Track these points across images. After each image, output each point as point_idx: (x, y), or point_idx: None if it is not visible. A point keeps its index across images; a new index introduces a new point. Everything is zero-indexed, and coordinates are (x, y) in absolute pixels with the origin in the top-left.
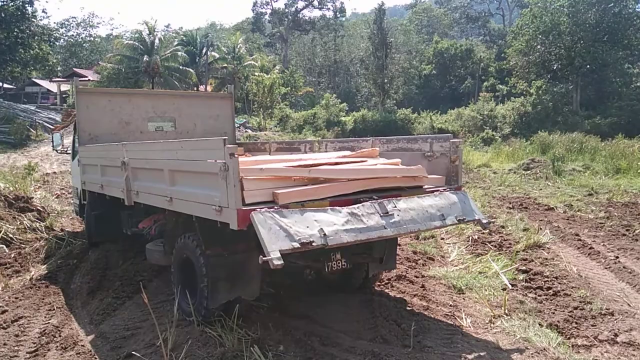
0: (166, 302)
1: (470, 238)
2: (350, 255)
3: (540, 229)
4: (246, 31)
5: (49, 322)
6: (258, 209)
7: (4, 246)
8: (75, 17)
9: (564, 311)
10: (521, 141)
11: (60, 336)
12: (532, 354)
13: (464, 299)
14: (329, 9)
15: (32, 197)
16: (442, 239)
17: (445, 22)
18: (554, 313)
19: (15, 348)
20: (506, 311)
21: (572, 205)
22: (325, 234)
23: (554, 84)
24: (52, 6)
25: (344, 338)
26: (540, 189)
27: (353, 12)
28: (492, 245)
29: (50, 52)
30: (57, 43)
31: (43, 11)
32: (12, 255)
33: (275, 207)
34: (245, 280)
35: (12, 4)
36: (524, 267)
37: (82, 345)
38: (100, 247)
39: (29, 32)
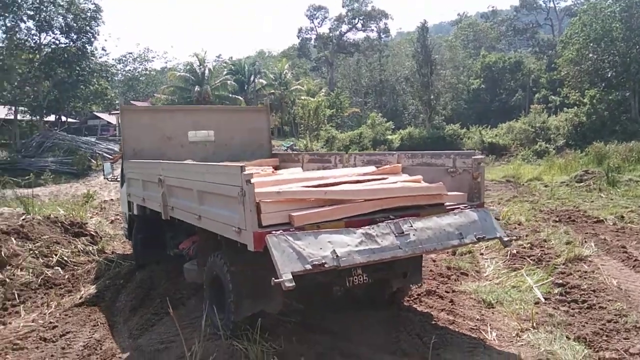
0: (200, 318)
1: (509, 252)
2: (371, 271)
3: (585, 241)
4: (292, 57)
5: (92, 337)
6: (273, 232)
7: (59, 268)
8: (131, 53)
9: (595, 324)
10: (575, 153)
11: (101, 349)
12: None
13: (492, 313)
14: (373, 30)
15: (87, 223)
16: (481, 254)
17: (492, 36)
18: (584, 326)
19: (61, 359)
20: (534, 324)
21: (623, 217)
22: (337, 256)
23: (609, 92)
24: (110, 44)
25: (364, 351)
26: (592, 201)
27: (398, 31)
28: (531, 260)
29: (108, 87)
30: (115, 78)
31: (102, 49)
32: (66, 277)
33: (291, 230)
34: (267, 295)
35: (73, 45)
36: (560, 281)
37: (119, 357)
38: (147, 268)
39: (89, 70)
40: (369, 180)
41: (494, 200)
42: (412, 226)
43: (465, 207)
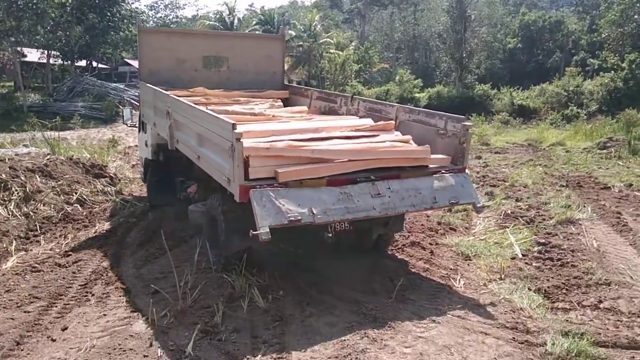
0: (200, 255)
1: (503, 212)
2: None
3: (584, 206)
4: (324, 8)
5: (100, 265)
6: (257, 187)
7: (78, 205)
8: (163, 0)
9: (560, 279)
10: (606, 119)
11: (107, 275)
12: (506, 311)
13: (467, 264)
14: None
15: (106, 165)
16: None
17: None
18: (548, 280)
19: (71, 281)
20: (502, 276)
21: (631, 184)
22: (313, 213)
23: None
24: None
25: (339, 289)
26: (607, 168)
27: None
28: (523, 220)
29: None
30: (147, 25)
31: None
32: (84, 213)
33: (274, 185)
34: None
35: None
36: (543, 240)
37: (122, 282)
38: (159, 209)
39: (119, 16)
40: (359, 137)
41: (508, 163)
42: (389, 188)
43: (446, 171)
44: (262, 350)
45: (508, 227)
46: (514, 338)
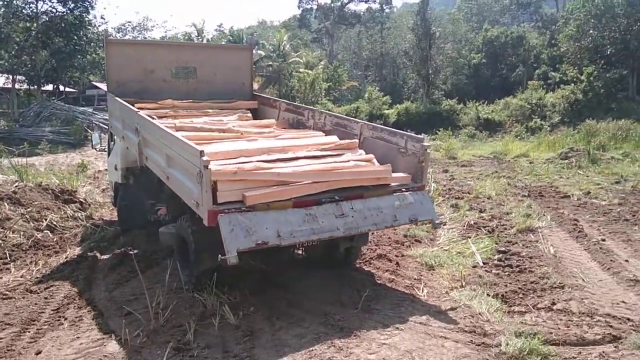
0: (172, 276)
1: (466, 223)
2: None
3: (544, 214)
4: (292, 28)
5: (72, 289)
6: (225, 212)
7: (48, 232)
8: (130, 22)
9: (517, 284)
10: (568, 130)
11: (79, 299)
12: (465, 316)
13: (431, 274)
14: (375, 1)
15: (76, 191)
16: (444, 224)
17: (495, 9)
18: (506, 286)
19: (43, 307)
20: (463, 284)
21: (589, 192)
22: (279, 235)
23: (607, 70)
24: (109, 12)
25: (308, 303)
26: (568, 178)
27: (404, 2)
28: (485, 230)
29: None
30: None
31: (101, 17)
32: (55, 239)
33: (242, 209)
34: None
35: (71, 13)
36: (503, 248)
37: (95, 306)
38: (130, 232)
39: (86, 39)
40: (324, 156)
41: (474, 176)
42: (352, 208)
43: (406, 189)
44: None
45: (470, 237)
46: (471, 341)
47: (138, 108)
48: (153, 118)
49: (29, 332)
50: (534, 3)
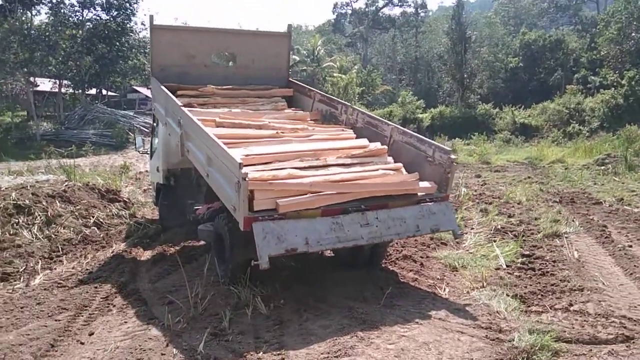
0: (209, 270)
1: (494, 227)
2: None
3: (573, 220)
4: (327, 33)
5: (119, 280)
6: (259, 218)
7: (95, 228)
8: None
9: (537, 286)
10: (607, 135)
11: (126, 289)
12: (483, 314)
13: (454, 275)
14: (410, 5)
15: (121, 191)
16: (472, 228)
17: (533, 12)
18: (526, 287)
19: (94, 294)
20: (484, 284)
21: (623, 199)
22: (307, 243)
23: None
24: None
25: (334, 298)
26: (602, 184)
27: (440, 5)
28: (512, 234)
29: (146, 62)
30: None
31: (142, 24)
32: (101, 235)
33: (274, 217)
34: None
35: (113, 21)
36: (527, 252)
37: (140, 294)
38: (170, 230)
39: (128, 45)
40: (354, 164)
41: (506, 181)
42: (377, 217)
43: (431, 199)
44: (263, 348)
45: (496, 241)
46: (486, 336)
47: (180, 95)
48: (194, 106)
49: (82, 316)
50: (574, 6)
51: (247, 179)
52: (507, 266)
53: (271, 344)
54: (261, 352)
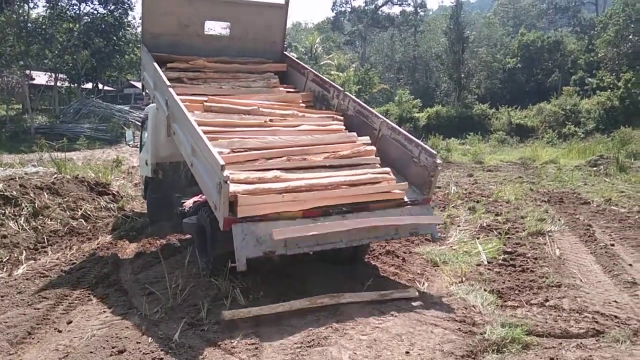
0: (191, 262)
1: (479, 224)
2: None
3: (559, 219)
4: (325, 31)
5: (102, 271)
6: (238, 221)
7: (82, 220)
8: None
9: (515, 282)
10: (602, 137)
11: (107, 280)
12: (459, 307)
13: (435, 270)
14: (409, 4)
15: (110, 184)
16: (458, 226)
17: (532, 14)
18: (504, 283)
19: (75, 285)
20: (463, 279)
21: (610, 199)
22: (286, 245)
23: None
24: None
25: (313, 290)
26: (592, 185)
27: (440, 4)
28: (497, 232)
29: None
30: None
31: (140, 18)
32: (88, 227)
33: (254, 219)
34: None
35: (111, 15)
36: (510, 249)
37: (121, 285)
38: (158, 223)
39: (125, 40)
40: (342, 167)
41: (497, 180)
42: (357, 220)
43: (412, 202)
44: (238, 337)
45: (480, 238)
46: (459, 329)
47: (169, 67)
48: (183, 81)
49: (62, 305)
50: (573, 7)
51: (228, 182)
52: (488, 262)
53: (246, 333)
54: (235, 342)
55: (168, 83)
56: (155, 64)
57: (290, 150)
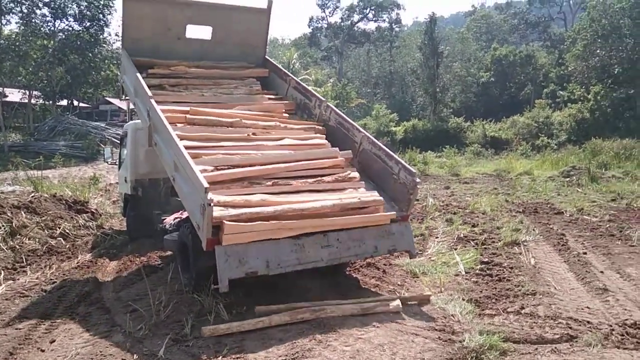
0: (173, 279)
1: (457, 236)
2: None
3: (534, 229)
4: (302, 46)
5: (83, 289)
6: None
7: (61, 239)
8: None
9: (492, 291)
10: (574, 148)
11: (89, 298)
12: (439, 317)
13: (414, 281)
14: (385, 20)
15: (88, 202)
16: (436, 237)
17: (504, 29)
18: (481, 292)
19: (57, 304)
20: (442, 289)
21: (583, 209)
22: (268, 265)
23: (615, 89)
24: None
25: (296, 302)
26: (565, 195)
27: (415, 20)
28: (474, 242)
29: (119, 73)
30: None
31: (116, 34)
32: (67, 246)
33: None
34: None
35: (86, 32)
36: (486, 259)
37: (103, 303)
38: (138, 241)
39: (101, 57)
40: (327, 191)
41: (474, 192)
42: (338, 239)
43: (392, 219)
44: (223, 352)
45: (457, 249)
46: (439, 337)
47: (150, 73)
48: (165, 87)
49: (44, 324)
50: (543, 22)
51: (212, 205)
52: (466, 272)
53: (231, 347)
54: (220, 357)
55: (150, 93)
56: (138, 75)
57: (275, 169)
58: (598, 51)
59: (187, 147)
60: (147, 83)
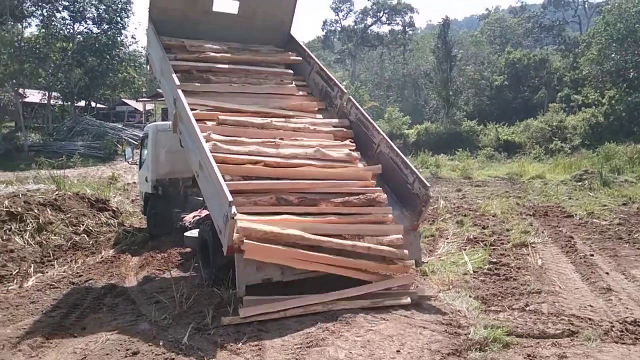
0: (194, 274)
1: (467, 237)
2: None
3: (542, 232)
4: (316, 49)
5: (109, 282)
6: (242, 249)
7: (85, 235)
8: None
9: (499, 289)
10: (587, 152)
11: (114, 291)
12: (446, 312)
13: (424, 279)
14: (398, 23)
15: (109, 200)
16: (446, 238)
17: (518, 32)
18: (488, 290)
19: (85, 295)
20: (450, 287)
21: (593, 213)
22: (283, 273)
23: (629, 94)
24: (140, 32)
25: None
26: (577, 199)
27: (428, 23)
28: (483, 244)
29: (136, 75)
30: (144, 66)
31: (132, 37)
32: (90, 242)
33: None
34: None
35: (104, 34)
36: (495, 259)
37: (128, 295)
38: (158, 238)
39: (118, 59)
40: (351, 214)
41: (485, 195)
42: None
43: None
44: (242, 339)
45: (466, 250)
46: (446, 330)
47: (180, 58)
48: (192, 73)
49: (74, 313)
50: (557, 26)
51: (235, 218)
52: (473, 272)
53: (250, 336)
54: (240, 343)
55: (177, 82)
56: (167, 59)
57: (303, 184)
58: (613, 55)
59: (213, 148)
60: (175, 68)
